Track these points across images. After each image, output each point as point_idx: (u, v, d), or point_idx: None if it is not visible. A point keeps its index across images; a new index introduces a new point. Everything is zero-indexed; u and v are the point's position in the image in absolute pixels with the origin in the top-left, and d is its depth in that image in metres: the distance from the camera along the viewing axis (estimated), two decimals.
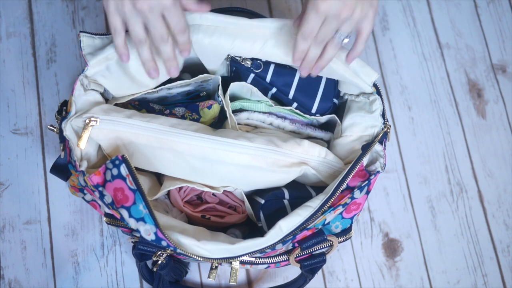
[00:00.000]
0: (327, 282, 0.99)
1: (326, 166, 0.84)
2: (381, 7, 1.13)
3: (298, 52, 0.77)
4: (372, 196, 1.03)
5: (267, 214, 0.83)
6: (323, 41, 0.76)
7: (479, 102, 1.10)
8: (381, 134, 0.84)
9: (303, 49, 0.77)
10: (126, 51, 0.77)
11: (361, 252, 1.00)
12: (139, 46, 0.75)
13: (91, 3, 1.08)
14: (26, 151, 1.01)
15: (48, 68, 1.05)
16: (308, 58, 0.78)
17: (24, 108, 1.02)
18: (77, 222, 0.98)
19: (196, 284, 0.96)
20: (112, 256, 0.97)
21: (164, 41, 0.75)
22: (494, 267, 1.02)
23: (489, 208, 1.05)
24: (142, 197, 0.73)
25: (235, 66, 0.88)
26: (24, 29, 1.06)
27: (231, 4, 1.11)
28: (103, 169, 0.75)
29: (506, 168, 1.07)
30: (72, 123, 0.79)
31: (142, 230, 0.74)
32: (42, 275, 0.95)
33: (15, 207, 0.98)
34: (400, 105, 1.08)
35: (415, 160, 1.06)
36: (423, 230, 1.02)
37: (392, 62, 1.11)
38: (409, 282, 1.00)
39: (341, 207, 0.79)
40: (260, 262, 0.81)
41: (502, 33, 1.14)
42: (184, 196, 0.86)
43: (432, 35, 1.13)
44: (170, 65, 0.78)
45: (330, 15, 0.73)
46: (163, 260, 0.78)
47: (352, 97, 0.88)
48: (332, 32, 0.75)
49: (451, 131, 1.08)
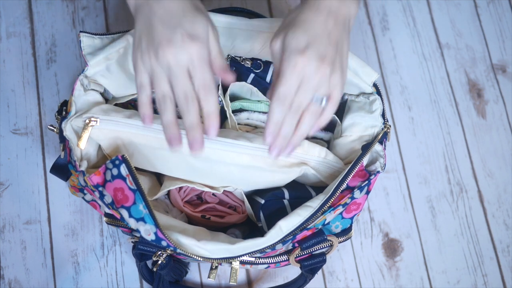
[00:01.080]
0: (327, 282, 0.99)
1: (326, 166, 0.84)
2: (381, 7, 1.13)
3: (272, 123, 0.67)
4: (372, 196, 1.03)
5: (267, 214, 0.84)
6: (299, 109, 0.67)
7: (479, 102, 1.10)
8: (381, 134, 0.84)
9: (277, 119, 0.66)
10: (149, 112, 0.68)
11: (361, 252, 1.00)
12: (162, 102, 0.66)
13: (91, 3, 1.08)
14: (26, 151, 1.01)
15: (48, 68, 1.05)
16: (283, 132, 0.67)
17: (24, 108, 1.02)
18: (77, 222, 0.98)
19: (196, 284, 0.96)
20: (112, 256, 0.97)
21: (188, 99, 0.65)
22: (494, 267, 1.02)
23: (489, 208, 1.05)
24: (142, 197, 0.73)
25: (235, 66, 0.88)
26: (24, 29, 1.06)
27: (231, 4, 1.11)
28: (103, 169, 0.75)
29: (506, 168, 1.07)
30: (72, 123, 0.79)
31: (142, 230, 0.74)
32: (42, 275, 0.95)
33: (15, 207, 0.98)
34: (400, 105, 1.08)
35: (415, 160, 1.06)
36: (423, 230, 1.02)
37: (392, 62, 1.11)
38: (409, 282, 1.00)
39: (341, 207, 0.79)
40: (260, 262, 0.81)
41: (502, 33, 1.14)
42: (184, 196, 0.86)
43: (432, 35, 1.13)
44: (193, 136, 0.65)
45: (307, 74, 0.66)
46: (163, 260, 0.78)
47: (352, 97, 0.88)
48: (309, 99, 0.67)
49: (451, 131, 1.08)
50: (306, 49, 0.65)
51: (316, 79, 0.66)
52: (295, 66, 0.65)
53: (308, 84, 0.66)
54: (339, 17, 0.68)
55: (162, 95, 0.66)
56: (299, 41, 0.66)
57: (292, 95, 0.66)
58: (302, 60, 0.65)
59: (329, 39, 0.66)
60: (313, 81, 0.66)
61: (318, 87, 0.67)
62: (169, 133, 0.67)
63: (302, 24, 0.67)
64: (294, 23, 0.67)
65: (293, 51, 0.66)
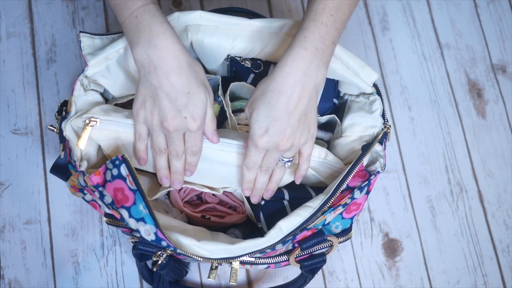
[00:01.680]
0: (327, 282, 0.99)
1: (326, 167, 0.84)
2: (381, 7, 1.13)
3: (246, 182, 0.80)
4: (372, 196, 1.03)
5: (267, 214, 0.83)
6: (268, 169, 0.79)
7: (479, 102, 1.10)
8: (381, 134, 0.84)
9: (250, 179, 0.80)
10: (145, 157, 0.80)
11: (361, 252, 1.00)
12: (158, 154, 0.79)
13: (91, 3, 1.08)
14: (26, 151, 1.01)
15: (48, 68, 1.05)
16: (257, 186, 0.81)
17: (24, 108, 1.02)
18: (77, 222, 0.98)
19: (196, 284, 0.96)
20: (112, 256, 0.97)
21: (178, 157, 0.78)
22: (494, 267, 1.02)
23: (489, 208, 1.05)
24: (142, 197, 0.73)
25: (235, 66, 0.88)
26: (24, 29, 1.06)
27: (231, 4, 1.11)
28: (103, 169, 0.75)
29: (506, 168, 1.07)
30: (72, 123, 0.79)
31: (142, 230, 0.74)
32: (42, 275, 0.95)
33: (15, 207, 0.98)
34: (400, 105, 1.08)
35: (415, 160, 1.06)
36: (423, 230, 1.02)
37: (392, 62, 1.11)
38: (409, 282, 1.00)
39: (341, 207, 0.79)
40: (260, 262, 0.81)
41: (502, 33, 1.14)
42: (184, 196, 0.86)
43: (432, 35, 1.13)
44: (176, 177, 0.81)
45: (270, 148, 0.76)
46: (163, 260, 0.78)
47: (352, 97, 0.88)
48: (275, 161, 0.78)
49: (451, 131, 1.08)
50: (265, 134, 0.74)
51: (278, 152, 0.76)
52: (257, 146, 0.75)
53: (271, 155, 0.77)
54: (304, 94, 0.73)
55: (159, 149, 0.78)
56: (260, 126, 0.74)
57: (259, 162, 0.78)
58: (262, 142, 0.75)
59: (288, 120, 0.73)
60: (275, 154, 0.77)
61: (281, 155, 0.77)
62: (160, 175, 0.81)
63: (265, 109, 0.73)
64: (259, 104, 0.74)
65: (255, 134, 0.75)
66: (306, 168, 0.80)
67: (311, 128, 0.77)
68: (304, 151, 0.78)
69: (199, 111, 0.75)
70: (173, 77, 0.73)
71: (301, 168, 0.80)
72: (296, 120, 0.74)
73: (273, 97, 0.73)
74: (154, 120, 0.75)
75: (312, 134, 0.77)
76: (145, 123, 0.77)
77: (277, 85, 0.73)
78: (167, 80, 0.73)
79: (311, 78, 0.73)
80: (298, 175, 0.81)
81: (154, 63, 0.72)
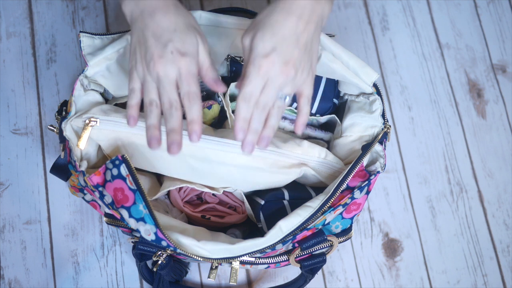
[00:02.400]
0: (327, 282, 0.99)
1: (326, 167, 0.84)
2: (381, 7, 1.13)
3: (240, 120, 0.70)
4: (372, 196, 1.03)
5: (267, 214, 0.83)
6: (265, 107, 0.70)
7: (479, 102, 1.10)
8: (381, 134, 0.84)
9: (245, 115, 0.70)
10: (135, 115, 0.72)
11: (361, 252, 1.00)
12: (148, 108, 0.70)
13: (91, 3, 1.08)
14: (26, 151, 1.01)
15: (48, 68, 1.05)
16: (253, 126, 0.70)
17: (24, 108, 1.02)
18: (77, 222, 0.98)
19: (196, 284, 0.96)
20: (112, 256, 0.97)
21: (172, 107, 0.69)
22: (494, 267, 1.02)
23: (489, 208, 1.05)
24: (142, 197, 0.73)
25: (235, 66, 0.88)
26: (24, 29, 1.06)
27: (231, 4, 1.11)
28: (103, 169, 0.75)
29: (506, 168, 1.07)
30: (72, 123, 0.79)
31: (142, 230, 0.74)
32: (42, 275, 0.95)
33: (15, 207, 0.98)
34: (400, 105, 1.08)
35: (415, 160, 1.06)
36: (423, 230, 1.02)
37: (392, 62, 1.11)
38: (409, 282, 1.00)
39: (341, 207, 0.79)
40: (260, 262, 0.81)
41: (502, 33, 1.14)
42: (184, 196, 0.86)
43: (432, 35, 1.13)
44: (173, 138, 0.69)
45: (271, 76, 0.69)
46: (163, 260, 0.78)
47: (352, 97, 0.88)
48: (273, 98, 0.70)
49: (451, 131, 1.08)
50: (271, 53, 0.68)
51: (280, 80, 0.69)
52: (260, 69, 0.69)
53: (272, 85, 0.69)
54: (312, 18, 0.70)
55: (150, 101, 0.70)
56: (265, 45, 0.68)
57: (257, 94, 0.70)
58: (266, 64, 0.68)
59: (296, 42, 0.69)
60: (277, 82, 0.69)
61: (282, 87, 0.70)
62: (150, 134, 0.70)
63: (271, 27, 0.69)
64: (264, 24, 0.69)
65: (258, 54, 0.69)
66: (307, 112, 0.73)
67: (313, 62, 0.72)
68: (304, 91, 0.72)
69: (187, 47, 0.69)
70: (158, 16, 0.70)
71: (302, 112, 0.73)
72: (303, 45, 0.69)
73: (281, 16, 0.69)
74: (144, 68, 0.70)
75: (313, 70, 0.72)
76: (138, 75, 0.71)
77: (286, 4, 0.69)
78: (152, 20, 0.70)
79: (320, 5, 0.70)
80: (300, 123, 0.73)
81: (140, 7, 0.70)
